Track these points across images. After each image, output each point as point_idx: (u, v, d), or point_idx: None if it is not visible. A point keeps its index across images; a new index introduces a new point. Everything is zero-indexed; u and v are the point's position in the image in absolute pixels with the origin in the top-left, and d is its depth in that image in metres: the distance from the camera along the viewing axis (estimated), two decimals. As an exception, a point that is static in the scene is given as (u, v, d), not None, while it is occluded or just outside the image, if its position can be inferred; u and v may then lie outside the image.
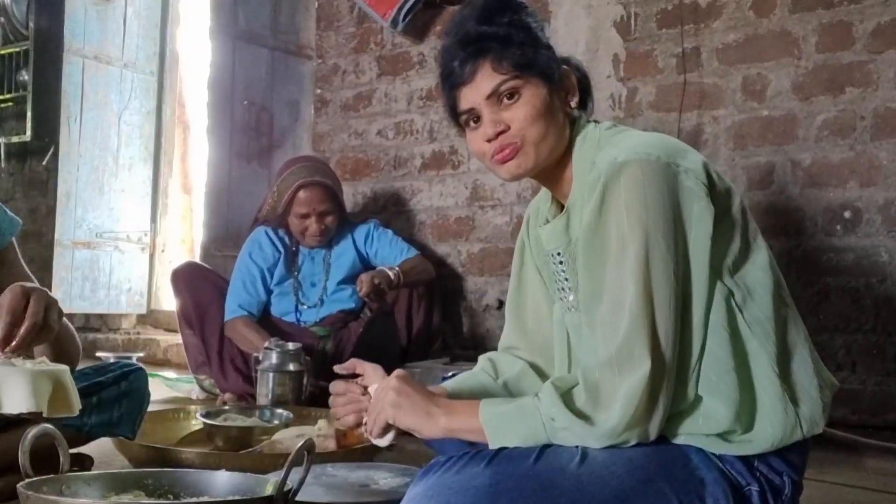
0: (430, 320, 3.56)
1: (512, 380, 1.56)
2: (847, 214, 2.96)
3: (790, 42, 3.07)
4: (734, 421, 1.25)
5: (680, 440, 1.27)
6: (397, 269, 3.32)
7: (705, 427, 1.26)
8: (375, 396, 1.40)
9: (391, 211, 4.10)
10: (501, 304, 3.73)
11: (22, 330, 1.48)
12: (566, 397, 1.23)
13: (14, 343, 1.47)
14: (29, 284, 1.55)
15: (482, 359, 1.62)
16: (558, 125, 1.39)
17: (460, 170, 3.90)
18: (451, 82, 1.40)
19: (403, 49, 4.11)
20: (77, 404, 1.49)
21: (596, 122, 1.43)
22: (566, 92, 1.41)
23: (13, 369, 1.43)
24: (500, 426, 1.27)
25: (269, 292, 3.40)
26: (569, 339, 1.46)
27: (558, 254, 1.42)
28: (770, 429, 1.25)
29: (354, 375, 1.57)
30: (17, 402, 1.41)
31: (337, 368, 1.54)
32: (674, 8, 3.30)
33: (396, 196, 4.10)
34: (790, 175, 3.06)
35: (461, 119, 1.42)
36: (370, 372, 1.48)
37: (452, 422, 1.31)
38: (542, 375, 1.55)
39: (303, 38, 4.55)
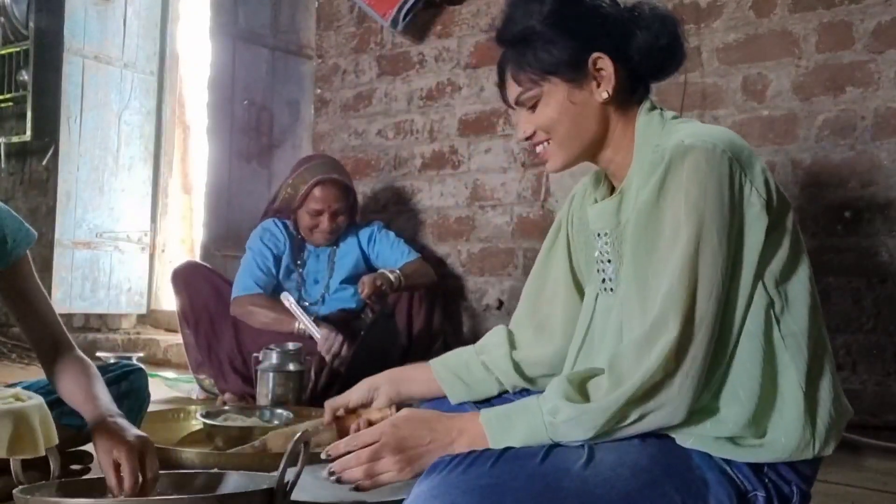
0: (431, 321, 3.55)
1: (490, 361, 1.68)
2: (847, 214, 2.96)
3: (790, 42, 3.07)
4: (745, 427, 1.24)
5: (688, 443, 1.26)
6: (398, 272, 3.32)
7: (713, 430, 1.25)
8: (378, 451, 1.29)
9: (391, 211, 4.09)
10: (502, 303, 3.73)
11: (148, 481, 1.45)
12: (580, 387, 1.23)
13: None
14: (130, 434, 1.48)
15: (491, 333, 1.73)
16: (588, 119, 1.39)
17: (460, 170, 3.89)
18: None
19: (403, 49, 4.11)
20: (41, 443, 1.41)
21: (662, 109, 1.42)
22: (597, 83, 1.38)
23: None
24: (500, 426, 1.26)
25: (278, 280, 3.40)
26: (590, 323, 1.45)
27: (605, 234, 1.42)
28: (783, 440, 1.25)
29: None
30: None
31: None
32: (674, 8, 3.29)
33: (397, 196, 4.10)
34: (790, 175, 3.06)
35: None
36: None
37: (473, 442, 1.26)
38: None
39: (303, 37, 4.55)
